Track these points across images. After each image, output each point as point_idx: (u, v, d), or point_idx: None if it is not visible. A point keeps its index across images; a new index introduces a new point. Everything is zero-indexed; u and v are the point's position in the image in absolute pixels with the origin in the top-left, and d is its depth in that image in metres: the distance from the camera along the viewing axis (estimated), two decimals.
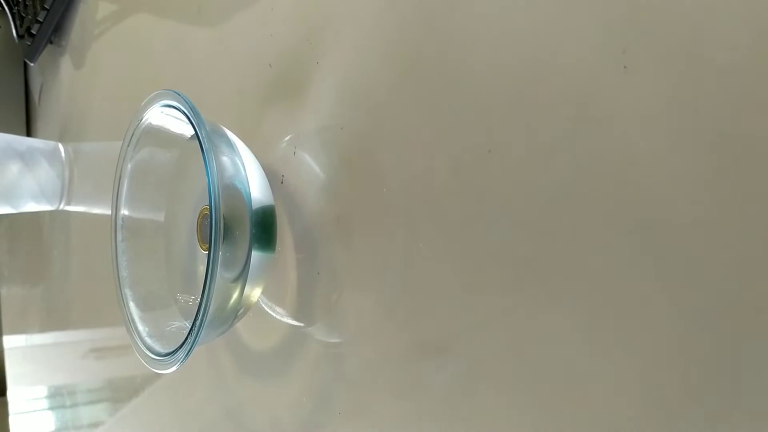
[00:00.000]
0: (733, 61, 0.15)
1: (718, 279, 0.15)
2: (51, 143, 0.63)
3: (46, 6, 0.68)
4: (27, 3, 0.72)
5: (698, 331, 0.15)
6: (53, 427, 0.78)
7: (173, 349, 0.27)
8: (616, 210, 0.17)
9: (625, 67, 0.17)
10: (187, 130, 0.31)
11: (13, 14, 0.76)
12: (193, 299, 0.32)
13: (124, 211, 0.34)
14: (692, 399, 0.15)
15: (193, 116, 0.26)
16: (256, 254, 0.27)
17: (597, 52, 0.18)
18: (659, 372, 0.16)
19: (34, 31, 0.71)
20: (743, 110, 0.14)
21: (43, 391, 0.84)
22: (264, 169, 0.30)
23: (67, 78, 0.69)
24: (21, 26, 0.74)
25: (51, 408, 0.80)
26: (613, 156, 0.17)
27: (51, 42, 0.72)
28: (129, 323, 0.31)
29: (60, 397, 0.75)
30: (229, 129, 0.29)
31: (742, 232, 0.14)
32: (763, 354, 0.14)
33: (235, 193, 0.27)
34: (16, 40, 0.76)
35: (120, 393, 0.54)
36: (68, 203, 0.62)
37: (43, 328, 0.78)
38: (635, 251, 0.17)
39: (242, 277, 0.27)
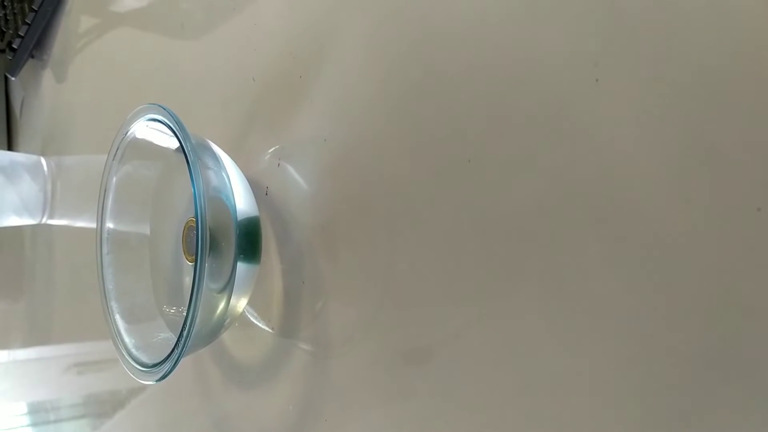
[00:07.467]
0: (701, 74, 0.15)
1: (689, 280, 0.16)
2: (33, 157, 0.62)
3: (27, 20, 0.68)
4: (8, 17, 0.72)
5: (671, 330, 0.16)
6: None
7: (160, 360, 0.27)
8: (591, 217, 0.18)
9: (596, 80, 0.18)
10: (172, 144, 0.31)
11: None
12: (180, 310, 0.32)
13: (110, 224, 0.34)
14: (666, 396, 0.16)
15: (178, 129, 0.27)
16: (241, 265, 0.28)
17: (570, 66, 0.18)
18: (635, 372, 0.17)
19: (15, 46, 0.71)
20: (710, 120, 0.15)
21: (25, 406, 0.83)
22: (249, 181, 0.30)
23: (49, 92, 0.69)
24: (2, 41, 0.74)
25: (34, 424, 0.79)
26: (587, 165, 0.18)
27: (32, 56, 0.72)
28: (115, 335, 0.31)
29: (43, 413, 0.75)
30: (213, 142, 0.29)
31: (712, 236, 0.15)
32: (734, 352, 0.15)
33: (221, 205, 0.27)
34: None
35: (104, 407, 0.53)
36: (51, 217, 0.62)
37: (26, 343, 0.77)
38: (609, 256, 0.17)
39: (228, 287, 0.27)
